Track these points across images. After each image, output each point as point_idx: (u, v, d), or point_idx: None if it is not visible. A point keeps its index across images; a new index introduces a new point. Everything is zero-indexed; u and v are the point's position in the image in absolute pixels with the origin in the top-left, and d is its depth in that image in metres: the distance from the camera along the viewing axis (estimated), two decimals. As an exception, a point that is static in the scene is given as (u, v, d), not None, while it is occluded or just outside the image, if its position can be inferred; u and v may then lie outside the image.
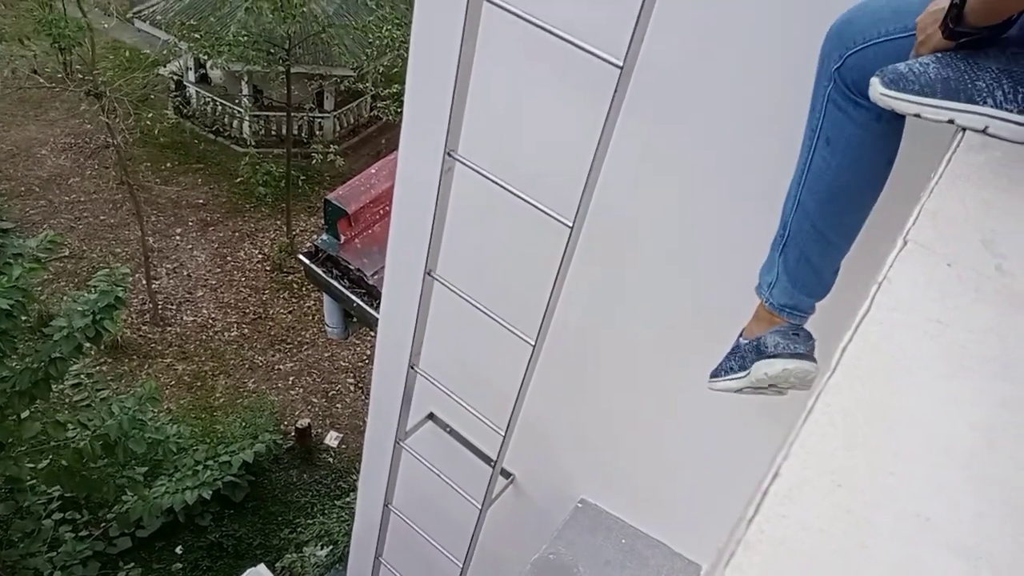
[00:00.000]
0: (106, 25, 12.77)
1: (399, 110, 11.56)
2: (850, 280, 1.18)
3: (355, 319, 4.18)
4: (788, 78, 1.17)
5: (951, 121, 0.96)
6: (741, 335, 1.41)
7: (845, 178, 1.13)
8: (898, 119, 1.06)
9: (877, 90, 1.00)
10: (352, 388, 10.34)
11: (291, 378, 10.33)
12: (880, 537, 0.56)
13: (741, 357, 1.39)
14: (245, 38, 10.90)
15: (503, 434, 2.04)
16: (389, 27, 11.15)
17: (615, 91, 1.27)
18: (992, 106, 0.95)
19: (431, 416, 2.71)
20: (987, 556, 0.55)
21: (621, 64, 1.23)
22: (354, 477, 8.78)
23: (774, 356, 1.30)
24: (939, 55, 0.98)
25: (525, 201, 1.55)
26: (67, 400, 6.23)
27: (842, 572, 0.54)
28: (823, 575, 0.54)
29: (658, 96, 1.56)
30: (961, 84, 0.96)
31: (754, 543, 0.54)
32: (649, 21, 1.19)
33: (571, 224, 1.51)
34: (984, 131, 0.93)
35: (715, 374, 1.46)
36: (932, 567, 0.55)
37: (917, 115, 0.98)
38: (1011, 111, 0.94)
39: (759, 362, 1.32)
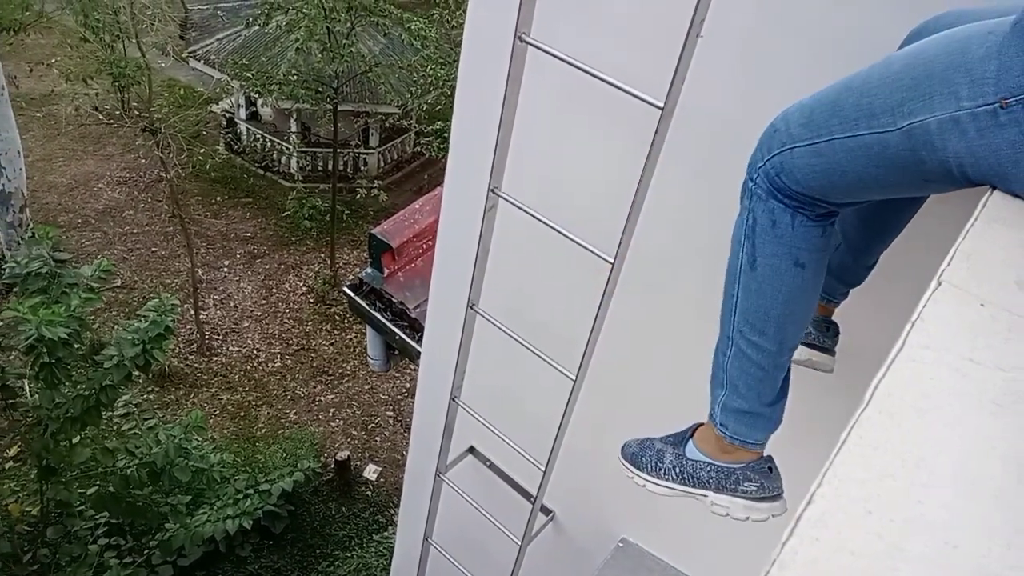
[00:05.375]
0: (163, 64, 13.35)
1: (442, 146, 11.82)
2: (885, 319, 1.20)
3: (397, 351, 4.23)
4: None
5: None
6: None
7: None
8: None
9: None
10: (391, 421, 10.39)
11: (332, 410, 10.43)
12: (909, 561, 0.58)
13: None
14: (295, 77, 11.28)
15: (543, 469, 2.04)
16: (433, 66, 11.43)
17: (656, 131, 1.29)
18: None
19: (471, 450, 2.72)
20: (1014, 582, 0.56)
21: (662, 105, 1.25)
22: (392, 511, 8.78)
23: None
24: None
25: (567, 237, 1.57)
26: (116, 427, 6.39)
27: (873, 594, 0.56)
28: (855, 596, 0.56)
29: (700, 136, 1.58)
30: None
31: (788, 563, 0.57)
32: (690, 64, 1.21)
33: (612, 260, 1.52)
34: None
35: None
36: (961, 592, 0.56)
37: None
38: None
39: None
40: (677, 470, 1.38)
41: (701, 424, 1.38)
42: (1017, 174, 0.88)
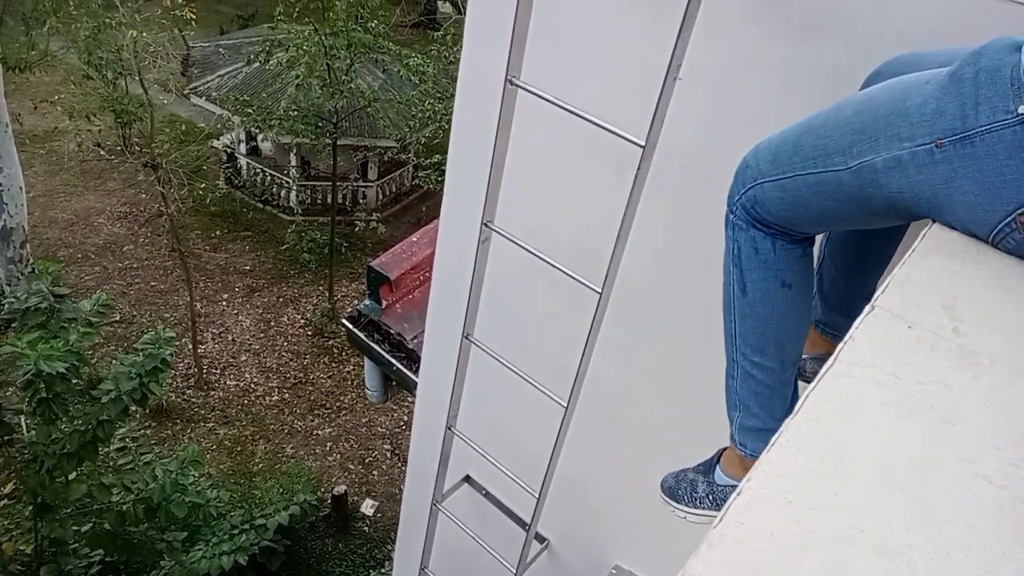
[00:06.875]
0: (164, 101, 13.51)
1: (439, 179, 12.00)
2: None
3: (394, 383, 4.26)
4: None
5: None
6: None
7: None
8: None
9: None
10: (389, 455, 10.35)
11: (329, 444, 10.40)
12: (819, 541, 0.68)
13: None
14: (295, 112, 11.46)
15: (537, 497, 2.07)
16: (431, 101, 11.61)
17: (638, 168, 1.36)
18: None
19: (467, 479, 2.75)
20: (908, 558, 0.66)
21: (643, 143, 1.32)
22: (389, 547, 8.71)
23: None
24: None
25: (556, 268, 1.63)
26: (112, 463, 6.36)
27: (784, 566, 0.66)
28: (769, 568, 0.65)
29: (679, 171, 1.65)
30: None
31: (716, 542, 0.67)
32: (669, 104, 1.29)
33: (600, 290, 1.58)
34: None
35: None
36: (860, 564, 0.66)
37: None
38: None
39: None
40: (711, 498, 1.44)
41: (726, 448, 1.44)
42: (950, 207, 0.96)
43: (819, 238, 1.36)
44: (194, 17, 11.00)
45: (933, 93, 0.96)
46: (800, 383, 1.50)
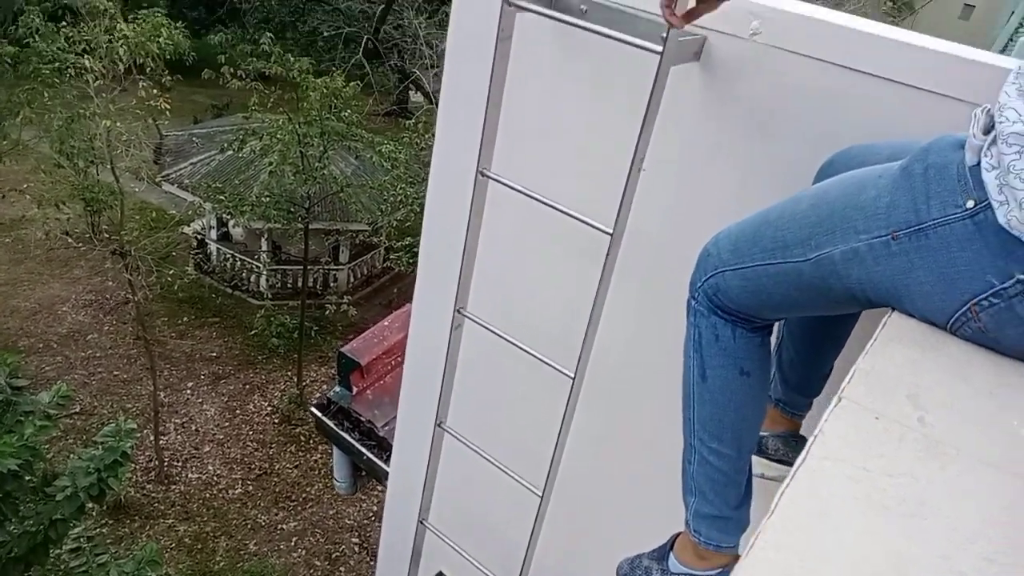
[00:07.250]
0: (136, 189, 13.53)
1: (411, 261, 12.00)
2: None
3: (364, 472, 4.15)
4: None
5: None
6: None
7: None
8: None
9: None
10: (357, 549, 9.95)
11: (294, 539, 9.97)
12: None
13: None
14: (267, 199, 11.54)
15: (513, 593, 2.00)
16: (403, 185, 11.79)
17: (607, 255, 1.39)
18: None
19: None
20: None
21: (611, 231, 1.36)
22: (357, 650, 8.27)
23: None
24: None
25: (529, 354, 1.63)
26: (64, 565, 5.99)
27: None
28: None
29: (648, 258, 1.69)
30: None
31: None
32: (635, 193, 1.33)
33: (573, 375, 1.58)
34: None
35: None
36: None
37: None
38: None
39: None
40: None
41: (679, 534, 1.42)
42: (908, 297, 1.00)
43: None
44: (168, 107, 11.12)
45: (887, 187, 1.00)
46: (756, 458, 1.50)
